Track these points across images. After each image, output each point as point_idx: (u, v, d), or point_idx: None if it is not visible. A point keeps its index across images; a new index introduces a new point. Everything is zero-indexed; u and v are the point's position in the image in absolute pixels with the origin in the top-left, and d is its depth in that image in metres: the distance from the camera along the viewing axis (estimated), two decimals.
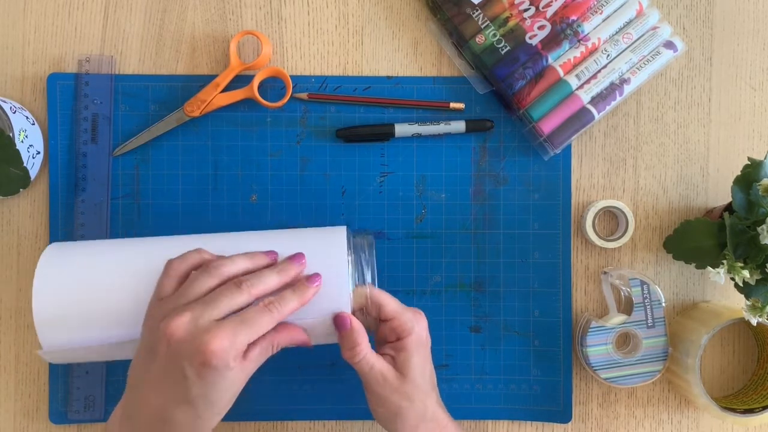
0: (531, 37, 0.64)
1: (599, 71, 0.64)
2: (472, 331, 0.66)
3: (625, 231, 0.65)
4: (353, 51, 0.67)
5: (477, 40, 0.64)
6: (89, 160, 0.64)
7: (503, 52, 0.64)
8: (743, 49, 0.68)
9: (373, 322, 0.56)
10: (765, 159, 0.58)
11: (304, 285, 0.52)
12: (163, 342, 0.47)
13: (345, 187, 0.66)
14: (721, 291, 0.67)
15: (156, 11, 0.66)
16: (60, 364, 0.63)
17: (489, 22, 0.64)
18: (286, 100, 0.64)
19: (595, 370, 0.63)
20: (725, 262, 0.57)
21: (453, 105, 0.66)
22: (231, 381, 0.48)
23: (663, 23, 0.65)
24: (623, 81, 0.64)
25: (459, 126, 0.65)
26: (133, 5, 0.66)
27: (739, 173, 0.58)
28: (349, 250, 0.55)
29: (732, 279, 0.57)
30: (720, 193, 0.67)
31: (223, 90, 0.64)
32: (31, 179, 0.62)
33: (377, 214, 0.66)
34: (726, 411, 0.61)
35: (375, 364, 0.54)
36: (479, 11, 0.64)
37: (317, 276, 0.52)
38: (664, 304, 0.63)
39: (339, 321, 0.53)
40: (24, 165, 0.56)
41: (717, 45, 0.67)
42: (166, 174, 0.65)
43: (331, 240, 0.55)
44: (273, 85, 0.65)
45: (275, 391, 0.65)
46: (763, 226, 0.55)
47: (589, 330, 0.63)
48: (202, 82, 0.64)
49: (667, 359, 0.63)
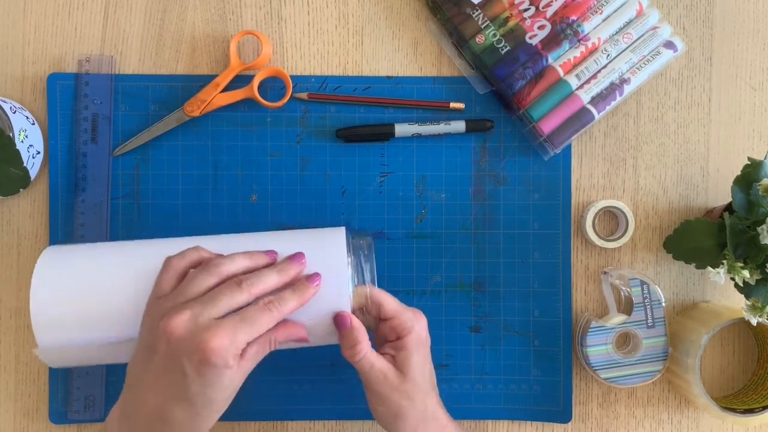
0: (531, 37, 0.64)
1: (599, 71, 0.64)
2: (472, 331, 0.66)
3: (625, 231, 0.65)
4: (353, 51, 0.67)
5: (477, 40, 0.64)
6: (89, 160, 0.64)
7: (503, 52, 0.64)
8: (743, 49, 0.68)
9: (373, 321, 0.56)
10: (765, 159, 0.58)
11: (303, 284, 0.52)
12: (163, 340, 0.47)
13: (345, 187, 0.66)
14: (721, 291, 0.67)
15: (156, 11, 0.66)
16: (59, 368, 0.63)
17: (489, 22, 0.64)
18: (286, 100, 0.64)
19: (595, 370, 0.63)
20: (725, 262, 0.57)
21: (453, 105, 0.66)
22: (230, 379, 0.48)
23: (663, 23, 0.65)
24: (623, 81, 0.64)
25: (459, 126, 0.65)
26: (133, 5, 0.66)
27: (739, 173, 0.58)
28: (349, 250, 0.55)
29: (732, 279, 0.57)
30: (720, 193, 0.67)
31: (223, 90, 0.64)
32: (31, 179, 0.62)
33: (377, 214, 0.66)
34: (726, 411, 0.61)
35: (375, 362, 0.54)
36: (479, 11, 0.64)
37: (317, 275, 0.52)
38: (664, 304, 0.63)
39: (339, 320, 0.53)
40: (24, 165, 0.56)
41: (717, 45, 0.68)
42: (166, 174, 0.65)
43: (331, 240, 0.55)
44: (273, 85, 0.65)
45: (275, 391, 0.65)
46: (763, 226, 0.55)
47: (589, 330, 0.63)
48: (202, 82, 0.64)
49: (667, 359, 0.63)
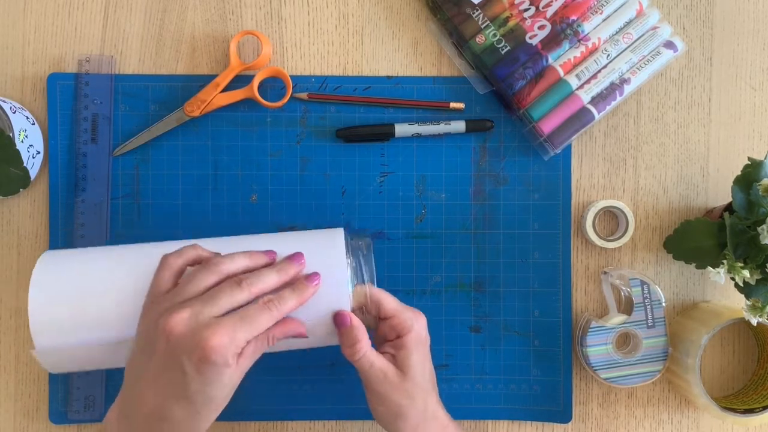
0: (531, 37, 0.64)
1: (599, 71, 0.64)
2: (472, 331, 0.66)
3: (625, 231, 0.65)
4: (353, 51, 0.67)
5: (477, 40, 0.64)
6: (89, 160, 0.64)
7: (503, 52, 0.64)
8: (743, 49, 0.68)
9: (373, 320, 0.56)
10: (765, 159, 0.58)
11: (303, 284, 0.52)
12: (162, 338, 0.47)
13: (345, 187, 0.66)
14: (721, 291, 0.67)
15: (156, 11, 0.66)
16: (59, 373, 0.63)
17: (489, 22, 0.64)
18: (286, 100, 0.64)
19: (595, 370, 0.63)
20: (725, 262, 0.57)
21: (453, 105, 0.66)
22: (229, 377, 0.48)
23: (663, 23, 0.65)
24: (623, 81, 0.64)
25: (459, 126, 0.65)
26: (133, 5, 0.66)
27: (739, 173, 0.58)
28: (348, 251, 0.55)
29: (732, 279, 0.57)
30: (720, 193, 0.67)
31: (223, 90, 0.64)
32: (31, 179, 0.62)
33: (377, 214, 0.66)
34: (726, 411, 0.61)
35: (375, 361, 0.54)
36: (479, 11, 0.64)
37: (316, 275, 0.52)
38: (664, 304, 0.63)
39: (339, 318, 0.53)
40: (24, 165, 0.56)
41: (717, 45, 0.67)
42: (166, 174, 0.65)
43: (329, 241, 0.55)
44: (273, 85, 0.65)
45: (275, 391, 0.65)
46: (763, 226, 0.55)
47: (589, 330, 0.63)
48: (202, 82, 0.64)
49: (667, 359, 0.63)
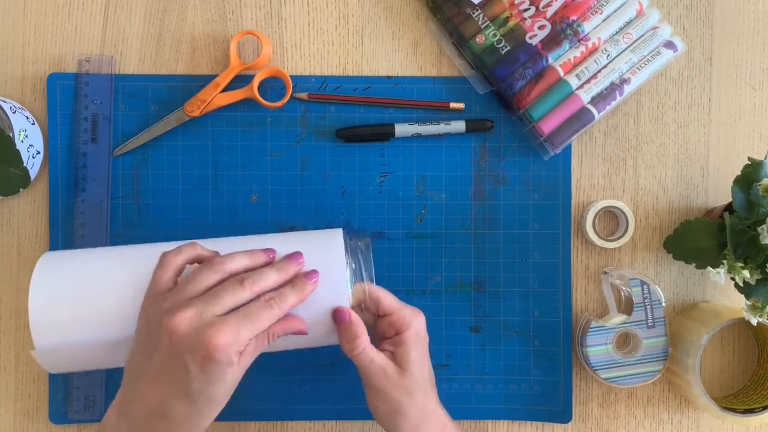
0: (531, 37, 0.64)
1: (599, 71, 0.64)
2: (472, 331, 0.66)
3: (625, 231, 0.65)
4: (353, 51, 0.67)
5: (477, 40, 0.64)
6: (89, 160, 0.64)
7: (503, 52, 0.64)
8: (743, 49, 0.68)
9: (372, 318, 0.57)
10: (765, 159, 0.58)
11: (302, 281, 0.52)
12: (165, 336, 0.47)
13: (345, 187, 0.66)
14: (721, 291, 0.67)
15: (156, 11, 0.66)
16: (58, 373, 0.63)
17: (489, 22, 0.64)
18: (286, 100, 0.64)
19: (595, 370, 0.63)
20: (725, 262, 0.57)
21: (453, 105, 0.66)
22: (231, 375, 0.48)
23: (663, 23, 0.65)
24: (623, 81, 0.64)
25: (459, 126, 0.65)
26: (133, 5, 0.66)
27: (739, 173, 0.58)
28: (347, 251, 0.55)
29: (732, 279, 0.57)
30: (720, 193, 0.67)
31: (223, 90, 0.64)
32: (31, 179, 0.62)
33: (377, 214, 0.66)
34: (726, 411, 0.61)
35: (374, 357, 0.54)
36: (479, 11, 0.64)
37: (315, 272, 0.53)
38: (664, 304, 0.63)
39: (338, 315, 0.53)
40: (24, 165, 0.56)
41: (717, 45, 0.67)
42: (166, 174, 0.65)
43: (328, 241, 0.55)
44: (273, 85, 0.65)
45: (275, 391, 0.65)
46: (763, 226, 0.55)
47: (589, 330, 0.63)
48: (202, 82, 0.64)
49: (667, 359, 0.63)
